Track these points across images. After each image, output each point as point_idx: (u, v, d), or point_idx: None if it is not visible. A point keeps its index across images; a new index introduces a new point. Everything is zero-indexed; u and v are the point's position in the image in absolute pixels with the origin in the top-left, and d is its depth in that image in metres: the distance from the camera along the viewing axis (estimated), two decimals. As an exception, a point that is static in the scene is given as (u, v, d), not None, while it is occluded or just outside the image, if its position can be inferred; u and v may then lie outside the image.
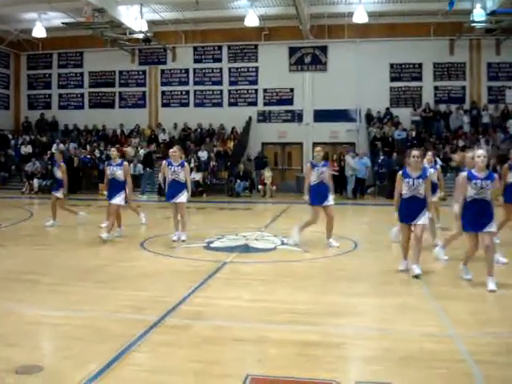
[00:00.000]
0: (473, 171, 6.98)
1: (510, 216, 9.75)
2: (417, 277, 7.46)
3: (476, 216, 6.89)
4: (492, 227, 6.87)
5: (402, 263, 8.10)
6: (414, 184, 7.71)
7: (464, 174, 7.08)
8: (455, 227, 8.13)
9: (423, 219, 7.76)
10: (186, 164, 10.84)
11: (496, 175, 7.21)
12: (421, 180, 7.71)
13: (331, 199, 10.05)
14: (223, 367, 4.47)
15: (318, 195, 9.95)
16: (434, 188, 9.47)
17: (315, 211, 9.96)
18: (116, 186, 10.93)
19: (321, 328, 5.46)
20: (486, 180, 6.87)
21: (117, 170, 10.98)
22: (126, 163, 11.29)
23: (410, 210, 7.76)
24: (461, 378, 4.24)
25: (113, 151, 11.55)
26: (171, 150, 10.92)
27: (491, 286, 6.65)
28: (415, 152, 7.80)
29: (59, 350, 4.90)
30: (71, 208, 13.34)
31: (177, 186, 10.60)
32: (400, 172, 7.93)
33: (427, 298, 6.58)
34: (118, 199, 10.90)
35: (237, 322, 5.64)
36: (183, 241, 10.50)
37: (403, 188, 7.79)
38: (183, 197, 10.60)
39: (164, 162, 11.16)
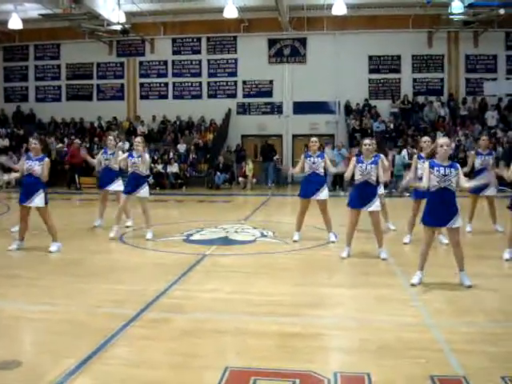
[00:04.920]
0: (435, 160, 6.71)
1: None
2: (384, 259, 8.19)
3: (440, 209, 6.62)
4: (458, 222, 6.63)
5: (345, 250, 8.48)
6: (366, 169, 8.25)
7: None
8: None
9: (375, 206, 8.26)
10: (146, 155, 10.31)
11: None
12: (373, 165, 8.28)
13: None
14: (203, 360, 4.48)
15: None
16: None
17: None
18: (33, 184, 8.79)
19: (299, 319, 5.49)
20: (450, 168, 6.59)
21: (34, 166, 8.81)
22: (47, 159, 9.02)
23: (362, 195, 8.26)
24: (438, 367, 4.29)
25: (34, 143, 8.99)
26: (136, 140, 10.39)
27: (467, 281, 6.68)
28: (367, 141, 8.45)
29: (38, 345, 4.87)
30: None
31: (137, 179, 10.13)
32: (354, 158, 8.54)
33: (404, 289, 6.65)
34: (38, 200, 8.78)
35: (216, 315, 5.66)
36: (148, 239, 9.99)
37: (356, 173, 8.32)
38: (144, 191, 10.17)
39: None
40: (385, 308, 5.86)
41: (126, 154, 10.54)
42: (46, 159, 8.99)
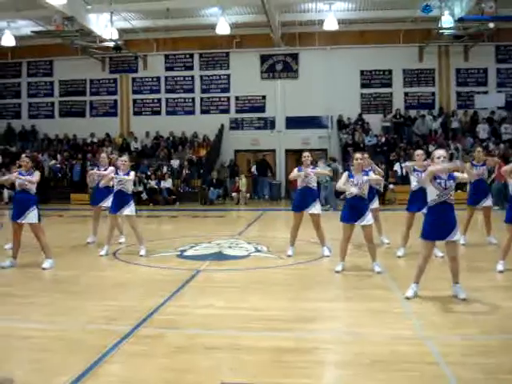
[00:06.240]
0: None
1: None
2: (378, 273, 8.17)
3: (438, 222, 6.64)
4: (456, 235, 6.69)
5: (339, 264, 8.46)
6: (357, 183, 8.20)
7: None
8: None
9: (367, 219, 8.24)
10: (132, 173, 10.32)
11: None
12: (364, 179, 8.25)
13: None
14: (196, 376, 4.46)
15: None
16: (371, 197, 9.66)
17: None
18: (26, 201, 8.76)
19: (294, 334, 5.48)
20: (450, 180, 6.63)
21: (26, 181, 8.78)
22: (37, 172, 9.07)
23: (354, 210, 8.21)
24: (432, 380, 4.29)
25: (25, 161, 8.97)
26: (121, 159, 10.44)
27: (462, 294, 6.69)
28: (357, 155, 8.43)
29: (31, 363, 4.83)
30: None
31: (122, 197, 10.09)
32: (346, 172, 8.50)
33: (398, 302, 6.64)
34: (31, 217, 8.73)
35: (210, 330, 5.63)
36: (141, 256, 9.94)
37: (347, 188, 8.30)
38: (129, 209, 10.10)
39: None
40: (379, 321, 5.85)
41: (113, 173, 10.47)
42: (36, 172, 9.05)
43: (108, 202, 10.87)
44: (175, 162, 24.56)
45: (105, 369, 4.57)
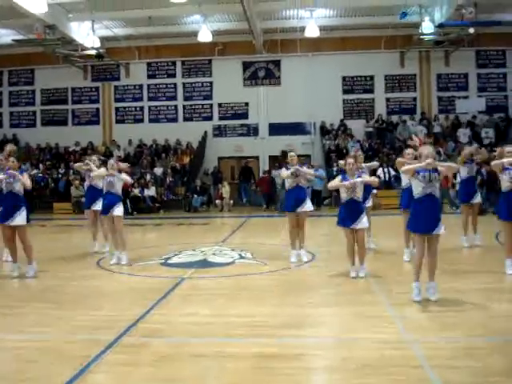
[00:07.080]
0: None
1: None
2: (361, 278, 8.14)
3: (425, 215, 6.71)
4: (442, 230, 6.71)
5: (352, 270, 8.38)
6: (351, 186, 8.22)
7: None
8: None
9: (362, 223, 8.27)
10: (123, 173, 10.30)
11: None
12: (358, 180, 8.28)
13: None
14: (182, 384, 4.43)
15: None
16: (366, 196, 9.63)
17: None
18: (13, 202, 8.64)
19: (279, 340, 5.47)
20: (434, 172, 6.71)
21: (16, 181, 8.67)
22: (25, 173, 9.02)
23: (349, 213, 8.26)
24: (418, 384, 4.30)
25: (12, 160, 8.87)
26: (109, 162, 10.29)
27: (434, 296, 6.68)
28: (350, 160, 8.48)
29: (14, 374, 4.76)
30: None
31: (111, 198, 9.99)
32: (340, 176, 8.52)
33: (384, 306, 6.65)
34: (19, 219, 8.65)
35: (195, 338, 5.60)
36: (124, 264, 9.82)
37: (341, 191, 8.37)
38: (118, 210, 9.99)
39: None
40: (365, 326, 5.85)
41: (104, 172, 10.30)
42: (25, 173, 8.94)
43: (99, 205, 10.75)
44: (158, 170, 24.48)
45: (89, 379, 4.53)
